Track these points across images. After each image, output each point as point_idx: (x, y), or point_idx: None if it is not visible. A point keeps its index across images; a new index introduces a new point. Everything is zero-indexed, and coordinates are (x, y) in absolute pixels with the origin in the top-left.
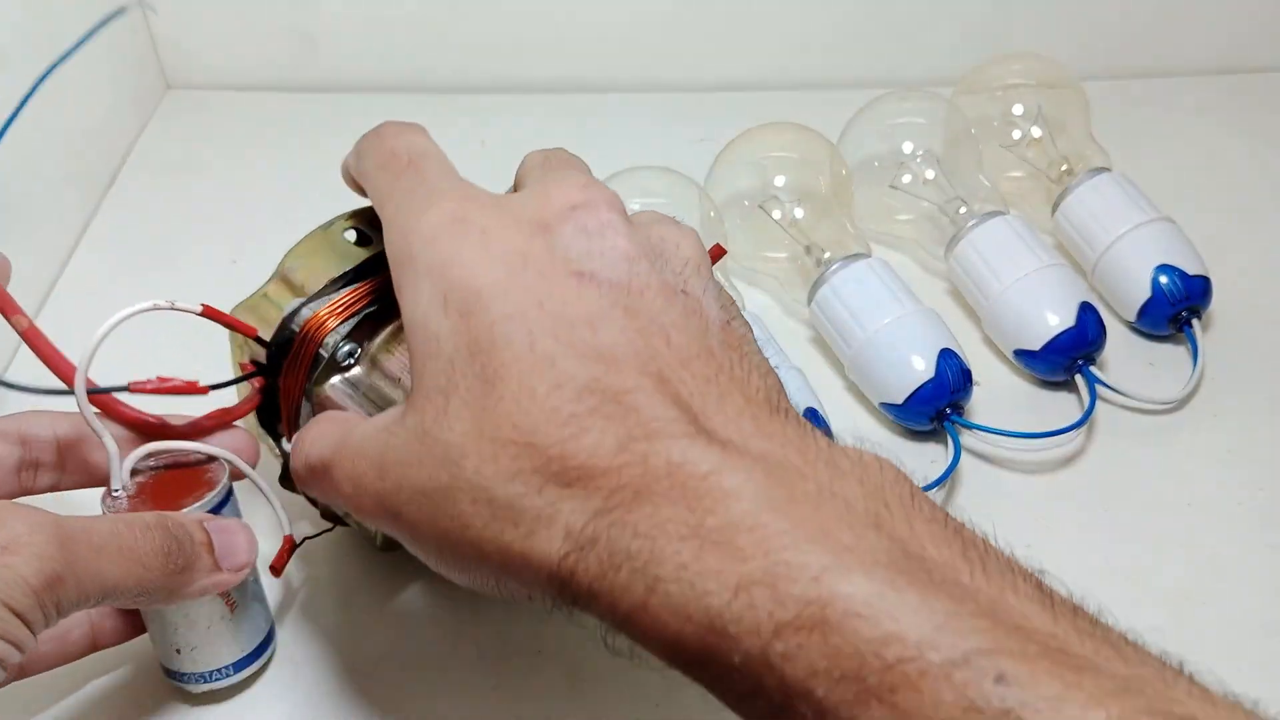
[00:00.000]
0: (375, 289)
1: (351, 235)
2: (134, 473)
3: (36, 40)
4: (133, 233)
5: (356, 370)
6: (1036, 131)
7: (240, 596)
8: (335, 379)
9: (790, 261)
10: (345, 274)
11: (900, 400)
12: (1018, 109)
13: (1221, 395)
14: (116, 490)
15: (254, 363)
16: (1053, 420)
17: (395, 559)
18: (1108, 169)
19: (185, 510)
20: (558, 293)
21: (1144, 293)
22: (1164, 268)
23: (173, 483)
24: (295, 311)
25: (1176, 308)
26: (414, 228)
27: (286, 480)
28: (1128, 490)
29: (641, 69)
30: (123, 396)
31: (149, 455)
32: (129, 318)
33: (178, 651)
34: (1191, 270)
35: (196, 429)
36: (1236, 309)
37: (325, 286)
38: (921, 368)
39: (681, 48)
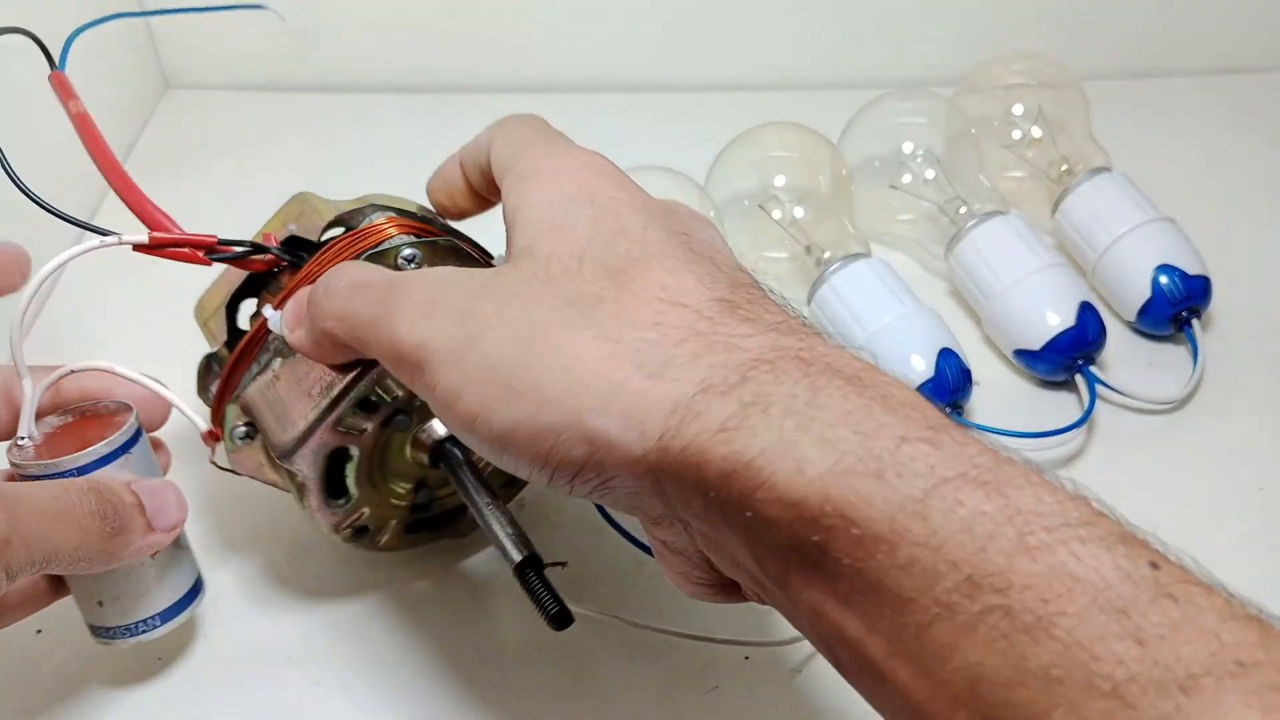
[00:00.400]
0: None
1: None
2: (43, 424)
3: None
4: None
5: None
6: (1037, 131)
7: None
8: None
9: (790, 261)
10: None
11: None
12: (1018, 109)
13: (1222, 395)
14: (23, 438)
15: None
16: (1053, 420)
17: (396, 558)
18: (1108, 169)
19: (93, 450)
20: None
21: (1144, 292)
22: (1164, 268)
23: (80, 429)
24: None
25: (1177, 308)
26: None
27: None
28: (1127, 490)
29: (641, 69)
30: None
31: (61, 409)
32: (76, 256)
33: (100, 604)
34: (1192, 270)
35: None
36: (1237, 309)
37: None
38: (921, 368)
39: (681, 48)
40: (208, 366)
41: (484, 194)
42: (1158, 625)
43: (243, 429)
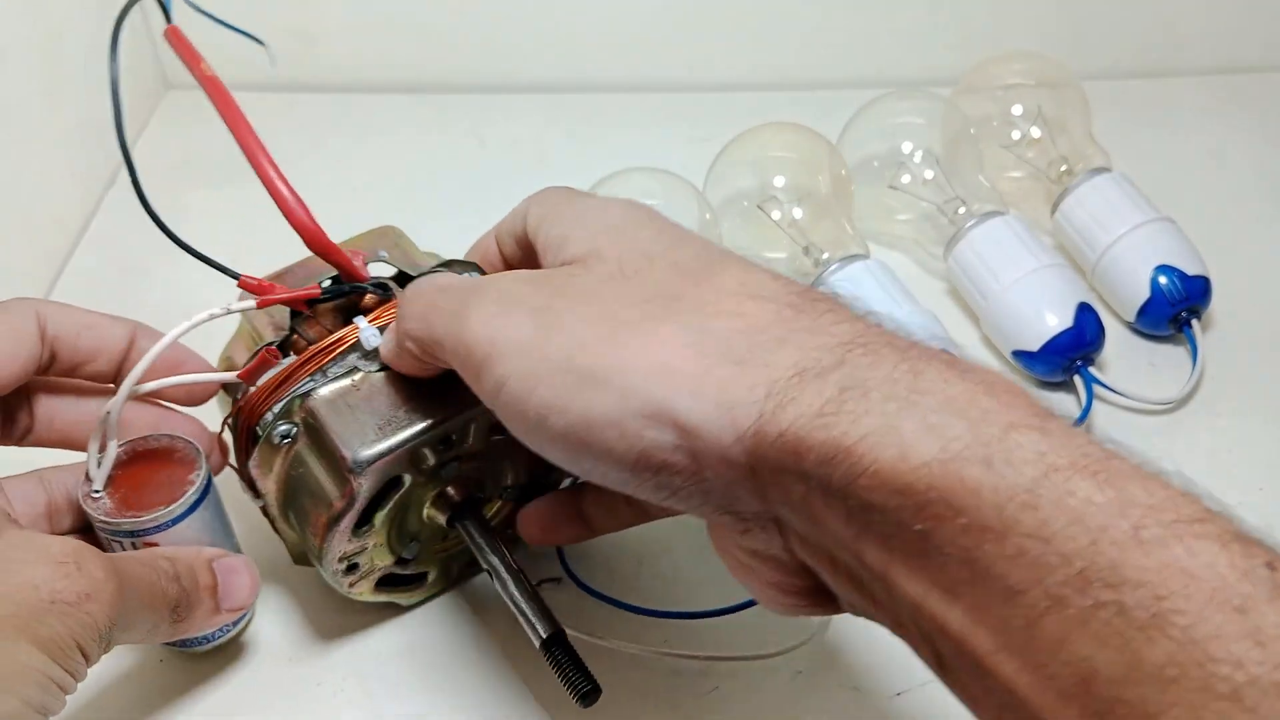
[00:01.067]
0: None
1: None
2: (105, 456)
3: (36, 39)
4: (133, 233)
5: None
6: (1036, 132)
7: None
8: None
9: (789, 262)
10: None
11: None
12: (1017, 109)
13: (1221, 395)
14: (98, 492)
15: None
16: None
17: None
18: (1108, 169)
19: (172, 509)
20: None
21: (1143, 293)
22: (1163, 268)
23: (150, 473)
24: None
25: (1176, 308)
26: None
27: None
28: None
29: (641, 69)
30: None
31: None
32: (188, 331)
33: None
34: (1191, 270)
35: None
36: (1236, 309)
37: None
38: None
39: (681, 48)
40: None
41: (520, 265)
42: (1277, 626)
43: (284, 428)
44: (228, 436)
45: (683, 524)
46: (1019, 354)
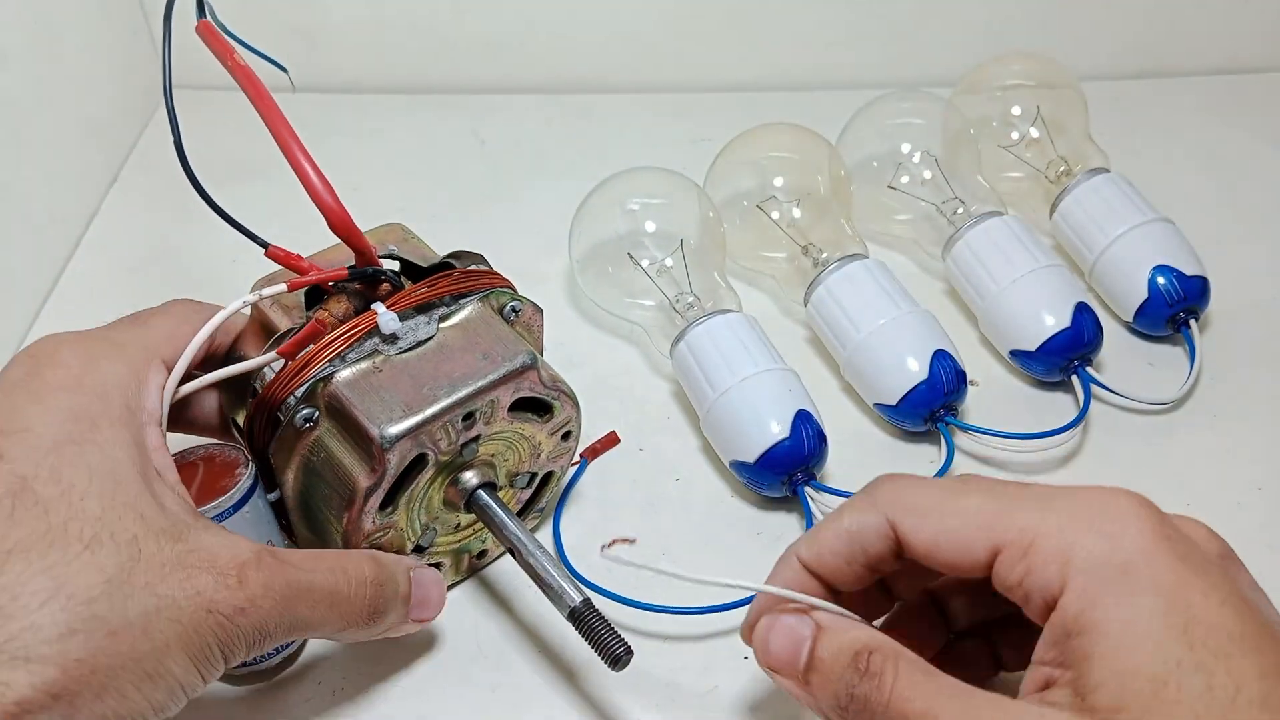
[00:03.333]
0: None
1: None
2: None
3: (36, 39)
4: (133, 232)
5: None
6: (1035, 132)
7: None
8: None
9: (788, 262)
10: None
11: (894, 402)
12: (1016, 110)
13: (1219, 395)
14: None
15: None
16: (1049, 421)
17: None
18: (1106, 170)
19: (215, 506)
20: None
21: (1141, 293)
22: (1161, 268)
23: (194, 477)
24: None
25: (1174, 308)
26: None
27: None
28: None
29: (641, 69)
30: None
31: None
32: (230, 315)
33: None
34: (1189, 271)
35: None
36: (1234, 309)
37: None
38: (915, 369)
39: (681, 48)
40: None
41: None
42: None
43: (307, 411)
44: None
45: (680, 520)
46: (1016, 354)
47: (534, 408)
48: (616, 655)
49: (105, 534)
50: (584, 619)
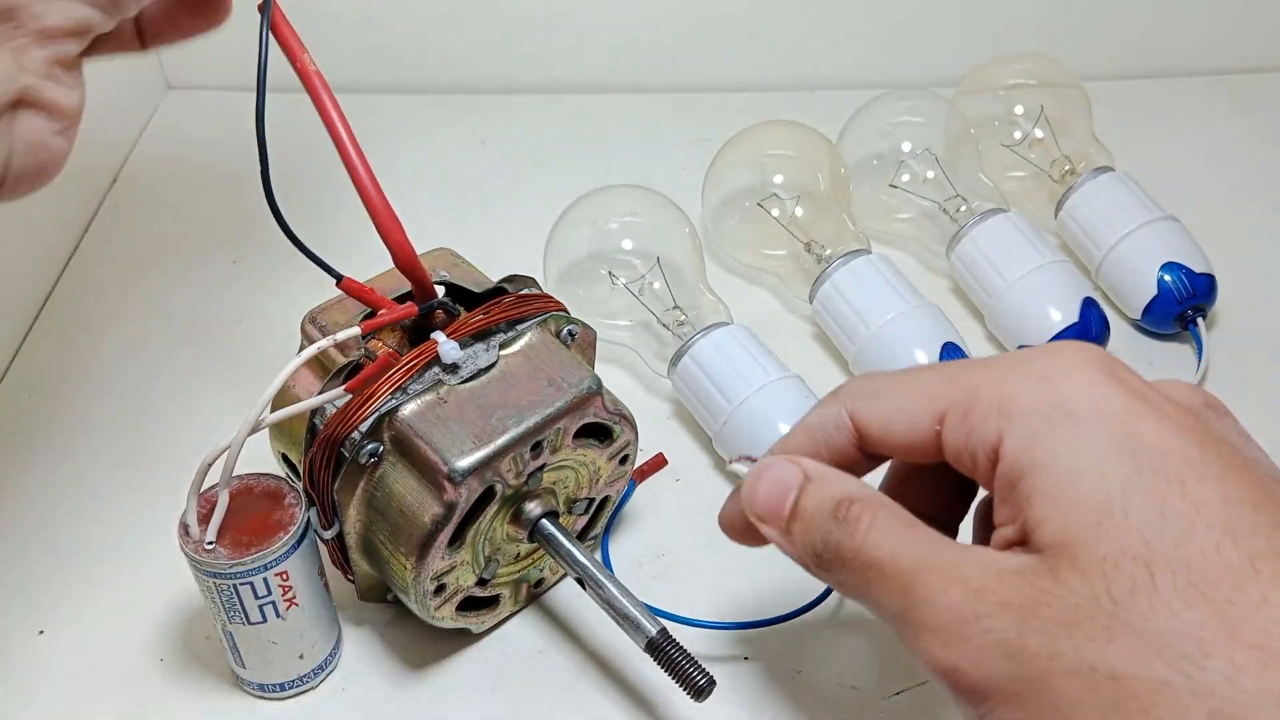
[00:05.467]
0: None
1: None
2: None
3: None
4: (134, 232)
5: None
6: (1039, 132)
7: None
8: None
9: (791, 259)
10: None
11: None
12: (1019, 109)
13: (1226, 394)
14: (210, 543)
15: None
16: None
17: None
18: (1111, 168)
19: (277, 549)
20: None
21: (1149, 290)
22: (1169, 266)
23: (243, 515)
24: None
25: (1182, 306)
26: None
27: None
28: None
29: (641, 69)
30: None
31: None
32: (299, 365)
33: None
34: (1197, 268)
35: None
36: (1241, 308)
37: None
38: (924, 363)
39: (681, 48)
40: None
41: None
42: None
43: (372, 446)
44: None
45: (681, 529)
46: (1024, 349)
47: (595, 433)
48: (700, 686)
49: None
50: (663, 650)
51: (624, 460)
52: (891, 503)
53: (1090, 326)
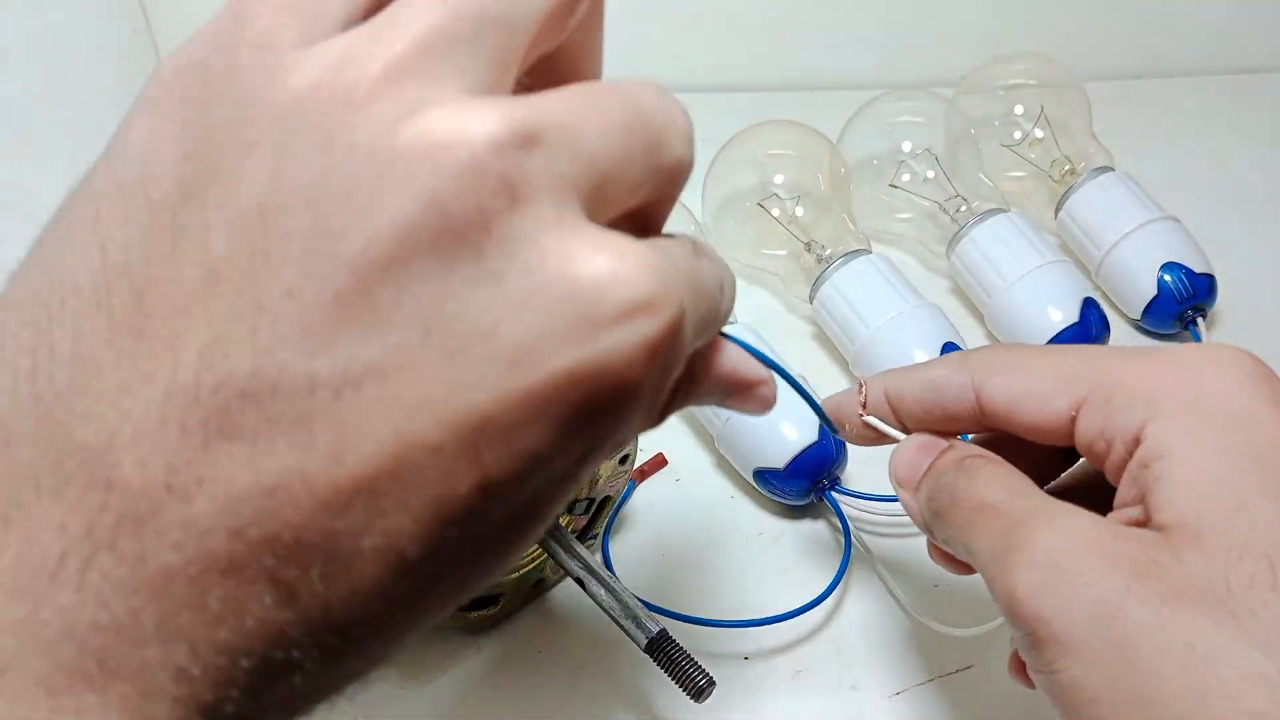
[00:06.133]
0: None
1: None
2: None
3: (36, 39)
4: None
5: None
6: (1039, 132)
7: None
8: None
9: (791, 259)
10: None
11: None
12: (1019, 109)
13: None
14: None
15: None
16: None
17: None
18: (1111, 168)
19: None
20: None
21: (1150, 290)
22: (1170, 265)
23: None
24: None
25: (1183, 305)
26: None
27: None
28: None
29: (641, 69)
30: None
31: None
32: None
33: None
34: (1197, 268)
35: None
36: (1240, 308)
37: None
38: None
39: (681, 48)
40: None
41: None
42: None
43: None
44: None
45: (681, 529)
46: None
47: None
48: (700, 686)
49: None
50: (663, 650)
51: (624, 460)
52: (1013, 466)
53: (1090, 326)
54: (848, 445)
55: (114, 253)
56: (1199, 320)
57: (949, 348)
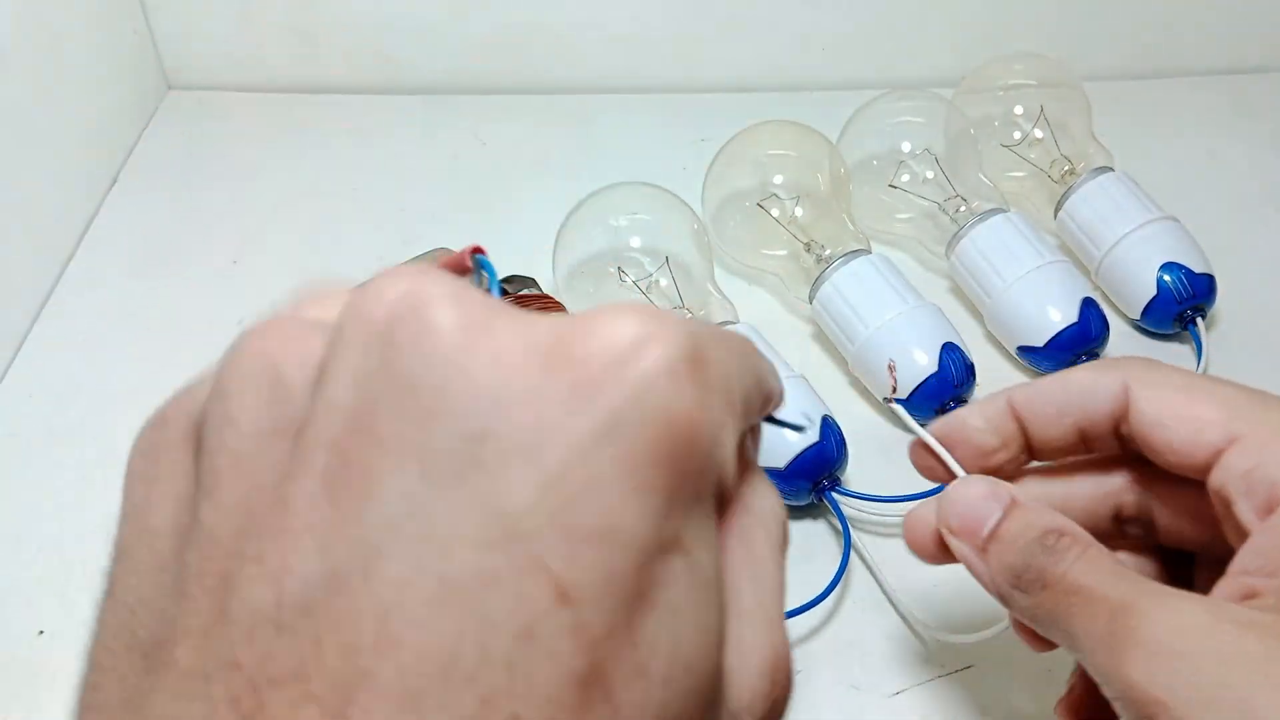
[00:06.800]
0: None
1: None
2: None
3: (36, 39)
4: (134, 233)
5: None
6: (1038, 132)
7: None
8: None
9: (791, 259)
10: None
11: (905, 395)
12: (1019, 109)
13: None
14: None
15: None
16: None
17: None
18: (1111, 169)
19: None
20: None
21: (1150, 290)
22: (1169, 266)
23: None
24: None
25: (1182, 306)
26: None
27: None
28: None
29: (641, 69)
30: None
31: None
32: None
33: None
34: (1197, 269)
35: None
36: (1239, 308)
37: None
38: (924, 362)
39: (681, 48)
40: None
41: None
42: None
43: None
44: None
45: None
46: (1024, 350)
47: None
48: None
49: None
50: None
51: None
52: (1100, 545)
53: (1090, 327)
54: (848, 446)
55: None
56: (1199, 320)
57: (949, 348)
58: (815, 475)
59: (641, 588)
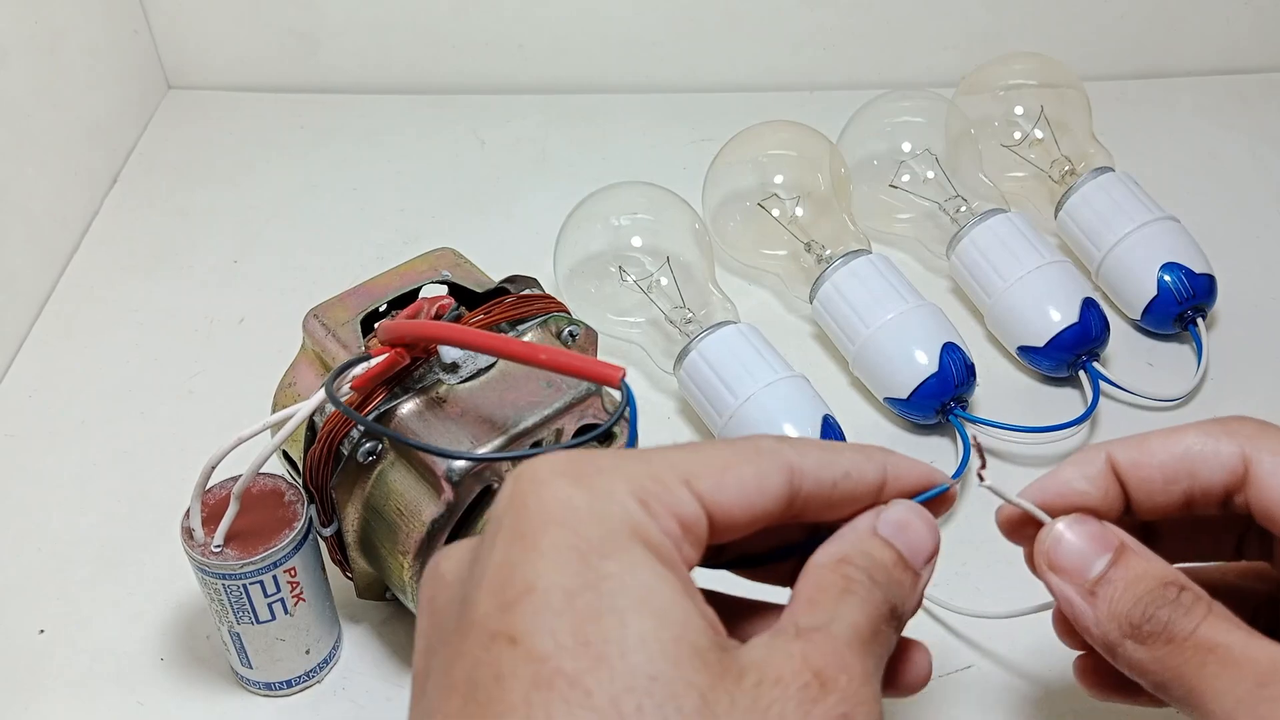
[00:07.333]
0: None
1: None
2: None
3: (36, 39)
4: (134, 232)
5: None
6: (1039, 132)
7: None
8: None
9: (791, 259)
10: None
11: (905, 395)
12: (1019, 109)
13: (1225, 393)
14: (218, 547)
15: None
16: (1056, 417)
17: None
18: (1111, 169)
19: (282, 547)
20: None
21: (1150, 291)
22: (1170, 266)
23: (247, 518)
24: None
25: (1183, 305)
26: None
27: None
28: None
29: (641, 69)
30: None
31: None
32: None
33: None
34: (1197, 269)
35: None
36: (1240, 308)
37: None
38: (925, 362)
39: (681, 48)
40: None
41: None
42: None
43: (370, 445)
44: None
45: None
46: (1025, 350)
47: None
48: None
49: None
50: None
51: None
52: (1220, 604)
53: (1090, 326)
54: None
55: None
56: (1199, 320)
57: (949, 348)
58: None
59: None
